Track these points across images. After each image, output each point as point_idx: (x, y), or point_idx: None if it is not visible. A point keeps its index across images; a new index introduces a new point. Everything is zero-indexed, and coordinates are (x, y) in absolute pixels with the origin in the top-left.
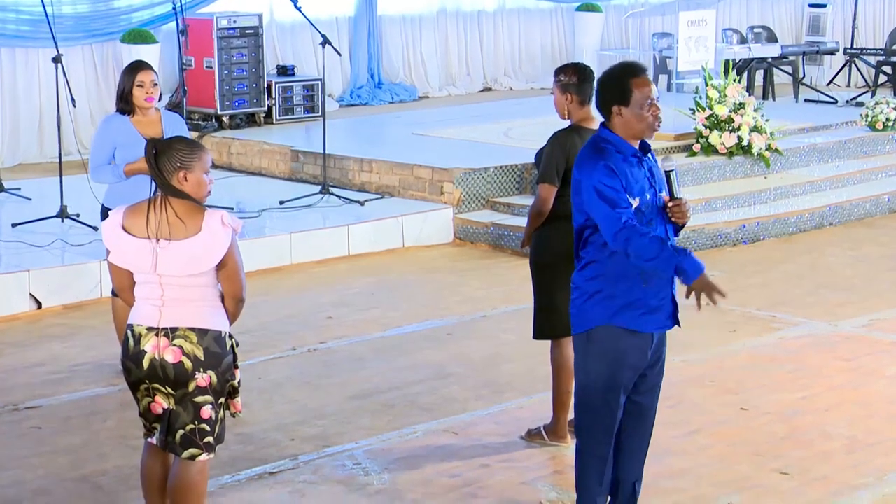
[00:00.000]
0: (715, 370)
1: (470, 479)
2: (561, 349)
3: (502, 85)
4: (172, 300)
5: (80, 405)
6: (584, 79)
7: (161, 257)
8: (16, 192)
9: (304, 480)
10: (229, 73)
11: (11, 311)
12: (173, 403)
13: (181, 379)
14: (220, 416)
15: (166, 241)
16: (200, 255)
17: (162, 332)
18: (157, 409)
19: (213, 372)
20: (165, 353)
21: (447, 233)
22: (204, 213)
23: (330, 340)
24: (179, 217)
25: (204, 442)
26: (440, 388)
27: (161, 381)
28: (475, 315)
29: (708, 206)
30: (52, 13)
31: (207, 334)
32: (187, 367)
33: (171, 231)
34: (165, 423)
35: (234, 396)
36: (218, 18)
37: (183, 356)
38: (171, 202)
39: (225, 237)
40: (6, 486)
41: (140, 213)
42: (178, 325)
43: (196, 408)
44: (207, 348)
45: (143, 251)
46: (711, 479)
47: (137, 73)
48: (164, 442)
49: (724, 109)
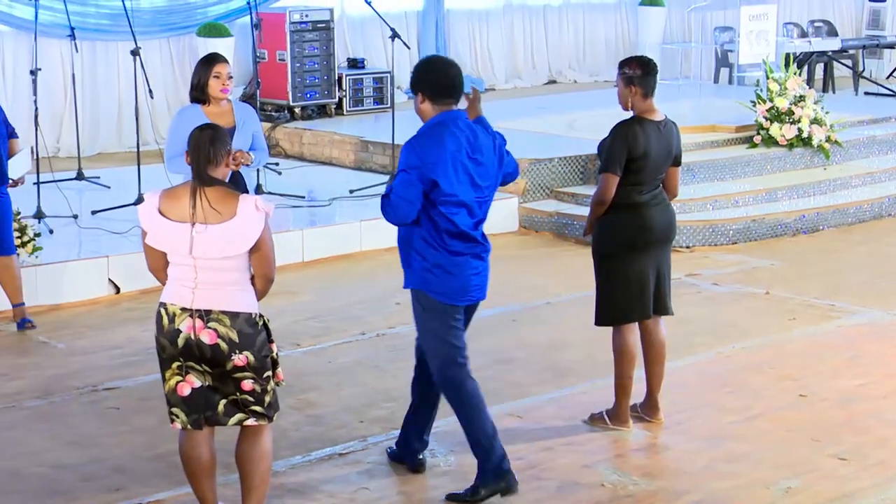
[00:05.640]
0: (774, 357)
1: (533, 461)
2: (622, 335)
3: (567, 78)
4: (205, 283)
5: (157, 386)
6: (648, 72)
7: (197, 241)
8: (95, 181)
9: (372, 461)
10: (301, 65)
11: (91, 296)
12: (210, 380)
13: (218, 359)
14: (270, 388)
15: (202, 226)
16: (235, 239)
17: (196, 314)
18: (183, 389)
19: (249, 352)
20: (201, 334)
21: (512, 222)
22: (238, 198)
23: (398, 325)
24: (214, 203)
25: (249, 409)
26: (504, 372)
27: (196, 360)
28: (539, 302)
29: (768, 197)
30: (131, 7)
31: (239, 317)
32: (223, 348)
33: (206, 215)
34: (202, 402)
35: (276, 368)
36: (291, 13)
37: (218, 339)
38: (205, 191)
39: (258, 221)
40: (85, 464)
41: (176, 197)
42: (210, 308)
43: (236, 382)
44: (240, 330)
45: (180, 234)
46: (770, 463)
47: (214, 64)
48: (206, 418)
49: (784, 102)
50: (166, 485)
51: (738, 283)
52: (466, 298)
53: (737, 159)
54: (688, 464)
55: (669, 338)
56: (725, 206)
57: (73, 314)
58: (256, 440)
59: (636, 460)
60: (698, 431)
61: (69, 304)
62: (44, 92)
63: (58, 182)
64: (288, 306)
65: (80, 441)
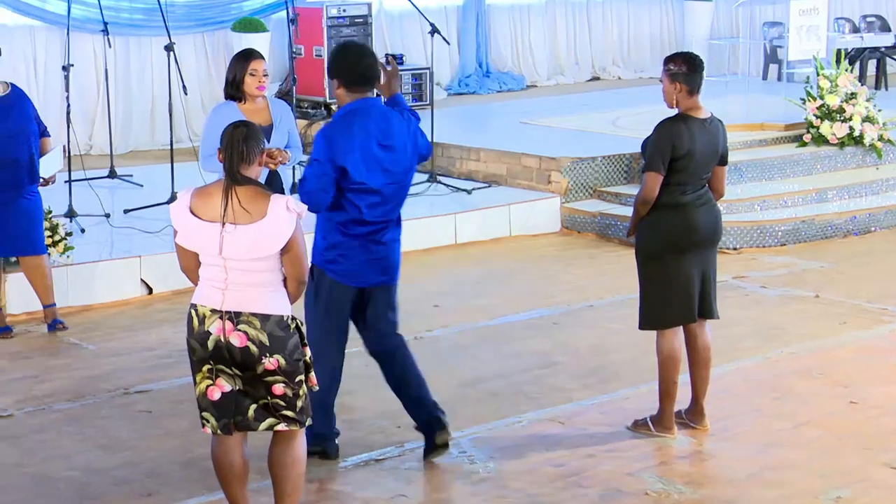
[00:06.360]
0: (823, 362)
1: (575, 468)
2: (667, 340)
3: (611, 74)
4: (235, 284)
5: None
6: (694, 68)
7: (227, 241)
8: (128, 179)
9: (409, 468)
10: None
11: (123, 296)
12: (241, 384)
13: (248, 362)
14: (302, 392)
15: (232, 226)
16: (265, 240)
17: (226, 316)
18: (213, 393)
19: (280, 355)
20: (231, 336)
21: (554, 222)
22: (269, 198)
23: (436, 328)
24: (245, 203)
25: (280, 414)
26: (546, 376)
27: (227, 363)
28: (581, 304)
29: (818, 197)
30: (165, 2)
31: (270, 319)
32: (253, 351)
33: (236, 215)
34: (231, 407)
35: (309, 372)
36: (328, 7)
37: (248, 341)
38: (236, 190)
39: (290, 222)
40: (117, 468)
41: (208, 195)
42: (241, 310)
43: (267, 386)
44: (271, 333)
45: (210, 234)
46: (819, 471)
47: (250, 61)
48: (234, 424)
49: (835, 99)
50: (199, 490)
51: (786, 286)
52: (362, 281)
53: (786, 158)
54: (734, 472)
55: (715, 342)
56: (774, 207)
57: (105, 315)
58: (289, 446)
59: (681, 468)
60: (745, 438)
61: (101, 304)
62: (76, 88)
63: (90, 180)
64: None
65: (112, 445)
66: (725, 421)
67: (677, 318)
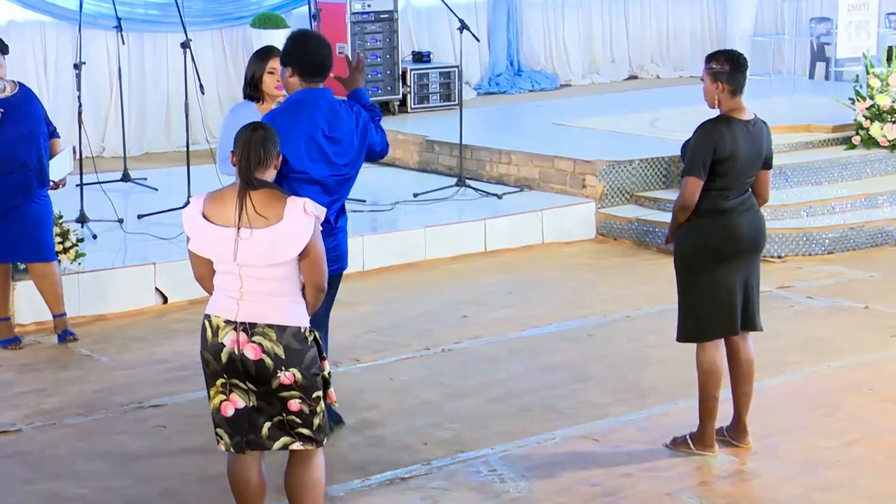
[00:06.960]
0: (873, 377)
1: (611, 488)
2: (707, 353)
3: (649, 73)
4: (251, 293)
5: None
6: (737, 67)
7: (242, 246)
8: (142, 183)
9: (436, 487)
10: None
11: (137, 306)
12: (255, 400)
13: (263, 376)
14: (319, 409)
15: (248, 231)
16: (281, 245)
17: (241, 327)
18: (227, 409)
19: (296, 369)
20: (245, 349)
21: (589, 228)
22: (285, 200)
23: (465, 340)
24: (260, 207)
25: (296, 432)
26: (580, 391)
27: (241, 377)
28: (617, 315)
29: (868, 203)
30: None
31: (286, 331)
32: (268, 365)
33: (251, 220)
34: (245, 424)
35: (328, 388)
36: (352, 2)
37: (263, 354)
38: (251, 194)
39: (307, 225)
40: (131, 486)
41: (222, 200)
42: (256, 321)
43: (282, 402)
44: (287, 346)
45: (224, 240)
46: (868, 492)
47: (269, 58)
48: (248, 442)
49: (886, 99)
50: None
51: (834, 297)
52: None
53: (834, 161)
54: (779, 492)
55: (759, 355)
56: (821, 213)
57: (118, 325)
58: (307, 467)
59: (722, 488)
60: (790, 457)
61: (113, 314)
62: (88, 87)
63: (102, 184)
64: (346, 319)
65: (125, 461)
66: (769, 439)
67: (718, 330)
